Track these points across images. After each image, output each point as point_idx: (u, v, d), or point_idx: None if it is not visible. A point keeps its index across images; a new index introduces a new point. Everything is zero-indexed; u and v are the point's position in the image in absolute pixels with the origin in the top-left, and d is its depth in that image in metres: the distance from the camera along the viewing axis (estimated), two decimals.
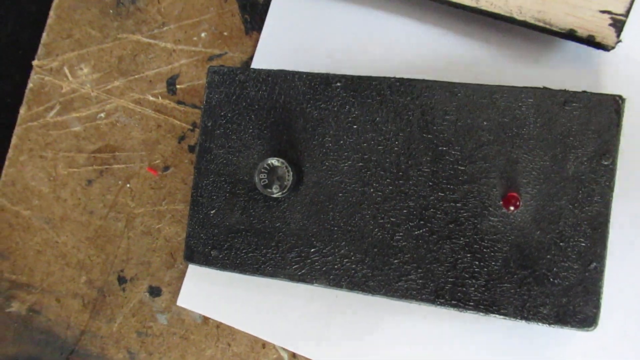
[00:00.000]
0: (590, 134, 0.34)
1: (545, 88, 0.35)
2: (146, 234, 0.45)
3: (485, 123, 0.36)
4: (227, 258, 0.39)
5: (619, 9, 0.36)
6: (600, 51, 0.37)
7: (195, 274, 0.44)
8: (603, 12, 0.37)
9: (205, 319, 0.44)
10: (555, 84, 0.36)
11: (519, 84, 0.36)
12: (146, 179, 0.45)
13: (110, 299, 0.45)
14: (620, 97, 0.34)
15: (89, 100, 0.46)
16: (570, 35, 0.37)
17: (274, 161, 0.36)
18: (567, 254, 0.34)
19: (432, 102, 0.36)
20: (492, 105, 0.35)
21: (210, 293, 0.44)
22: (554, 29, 0.37)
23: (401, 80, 0.37)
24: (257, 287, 0.42)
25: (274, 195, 0.36)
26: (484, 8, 0.38)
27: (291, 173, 0.36)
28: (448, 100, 0.36)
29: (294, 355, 0.42)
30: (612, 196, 0.34)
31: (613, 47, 0.36)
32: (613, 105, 0.34)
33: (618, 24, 0.36)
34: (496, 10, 0.38)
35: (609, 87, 0.38)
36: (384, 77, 0.37)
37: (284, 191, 0.36)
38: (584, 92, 0.34)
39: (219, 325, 0.43)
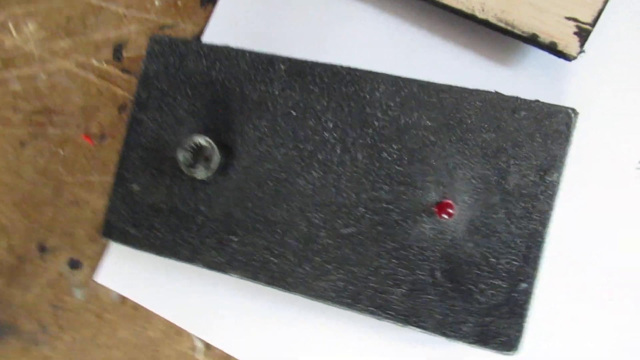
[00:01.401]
0: (538, 146, 0.32)
1: (496, 93, 0.33)
2: (74, 204, 0.43)
3: (429, 123, 0.33)
4: (146, 238, 0.37)
5: (586, 17, 0.34)
6: (563, 61, 0.35)
7: (118, 250, 0.42)
8: (569, 18, 0.34)
9: (123, 299, 0.41)
10: (514, 91, 0.34)
11: (476, 86, 0.34)
12: (81, 147, 0.43)
13: (28, 268, 0.43)
14: (573, 110, 0.32)
15: (31, 58, 0.44)
16: (532, 39, 0.35)
17: (201, 140, 0.34)
18: (497, 271, 0.32)
19: (377, 95, 0.34)
20: (438, 104, 0.33)
21: (131, 272, 0.41)
22: (516, 31, 0.35)
23: (347, 70, 0.35)
24: (180, 272, 0.40)
25: (197, 177, 0.34)
26: (445, 2, 0.36)
27: (218, 155, 0.34)
28: (393, 95, 0.34)
29: (208, 346, 0.40)
30: (551, 215, 0.32)
31: (575, 58, 0.34)
32: (564, 119, 0.32)
33: (583, 34, 0.34)
34: (458, 6, 0.36)
35: (567, 100, 0.35)
36: (330, 64, 0.35)
37: (209, 173, 0.34)
38: (536, 101, 0.32)
39: (136, 306, 0.41)
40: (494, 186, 0.32)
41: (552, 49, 0.35)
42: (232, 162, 0.36)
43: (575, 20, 0.34)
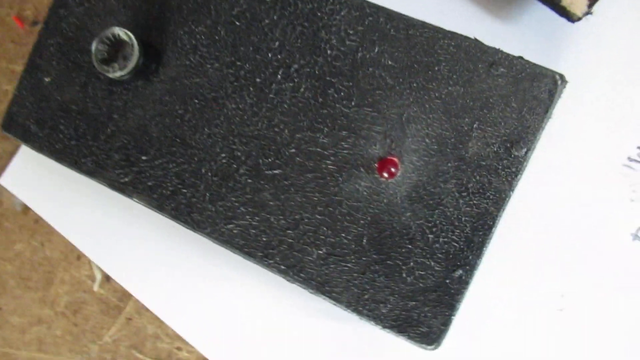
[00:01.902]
0: (510, 112, 0.26)
1: (475, 40, 0.27)
2: None
3: (390, 62, 0.28)
4: (47, 139, 0.32)
5: None
6: (565, 22, 0.29)
7: (30, 155, 0.37)
8: None
9: (26, 210, 0.37)
10: (501, 47, 0.28)
11: (459, 31, 0.28)
12: (10, 30, 0.38)
13: None
14: (561, 76, 0.26)
15: None
16: None
17: (121, 33, 0.29)
18: (433, 250, 0.27)
19: (336, 19, 0.28)
20: (405, 42, 0.28)
21: (40, 182, 0.36)
22: None
23: None
24: (94, 194, 0.35)
25: (110, 75, 0.29)
26: None
27: (138, 54, 0.29)
28: (355, 21, 0.28)
29: (108, 278, 0.35)
30: (509, 196, 0.26)
31: (579, 19, 0.28)
32: (548, 85, 0.26)
33: None
34: None
35: (559, 68, 0.30)
36: None
37: (124, 74, 0.29)
38: (520, 58, 0.27)
39: (38, 220, 0.36)
40: (450, 150, 0.27)
41: (554, 4, 0.29)
42: (157, 69, 0.30)
43: None
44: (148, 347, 0.35)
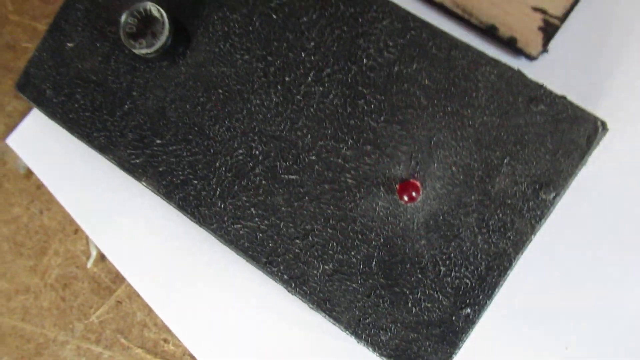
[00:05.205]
0: (544, 152, 0.25)
1: (519, 72, 0.26)
2: (10, 47, 0.36)
3: (426, 82, 0.27)
4: (62, 106, 0.31)
5: (557, 10, 0.28)
6: (526, 61, 0.29)
7: (43, 117, 0.35)
8: (536, 9, 0.29)
9: (29, 174, 0.36)
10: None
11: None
12: None
13: None
14: (603, 123, 0.25)
15: None
16: (491, 32, 0.29)
17: (153, 9, 0.27)
18: (443, 283, 0.26)
19: (377, 28, 0.27)
20: (445, 62, 0.26)
21: (49, 147, 0.35)
22: (473, 21, 0.29)
23: None
24: (103, 168, 0.34)
25: (135, 51, 0.28)
26: None
27: (167, 33, 0.27)
28: (396, 33, 0.27)
29: (103, 257, 0.34)
30: (530, 240, 0.25)
31: (536, 58, 0.28)
32: (588, 130, 0.25)
33: (549, 30, 0.28)
34: None
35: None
36: None
37: (150, 52, 0.28)
38: (563, 98, 0.25)
39: (40, 186, 0.35)
40: (476, 183, 0.26)
41: (511, 45, 0.28)
42: (185, 52, 0.29)
43: (543, 12, 0.28)
44: (134, 334, 0.34)
